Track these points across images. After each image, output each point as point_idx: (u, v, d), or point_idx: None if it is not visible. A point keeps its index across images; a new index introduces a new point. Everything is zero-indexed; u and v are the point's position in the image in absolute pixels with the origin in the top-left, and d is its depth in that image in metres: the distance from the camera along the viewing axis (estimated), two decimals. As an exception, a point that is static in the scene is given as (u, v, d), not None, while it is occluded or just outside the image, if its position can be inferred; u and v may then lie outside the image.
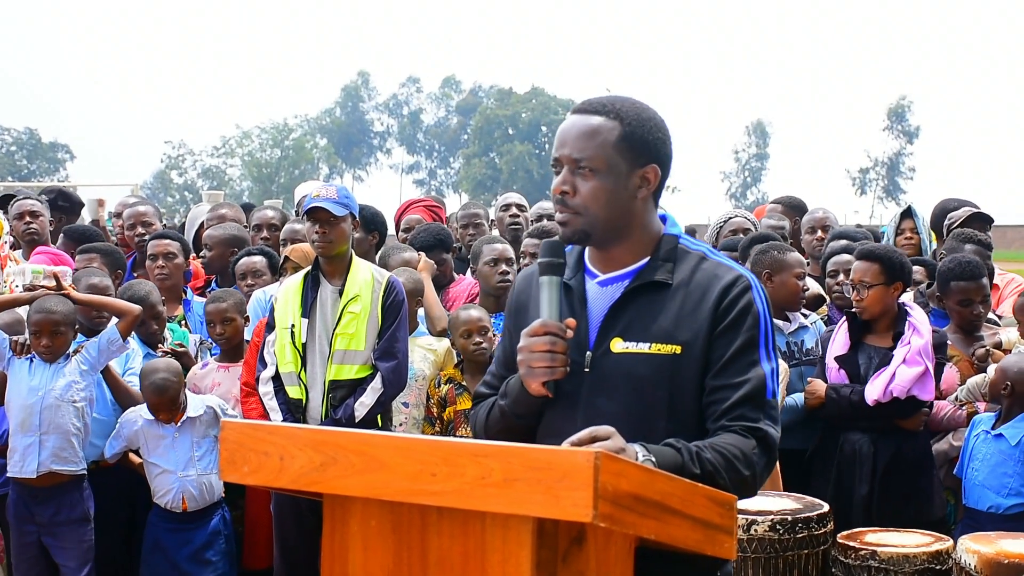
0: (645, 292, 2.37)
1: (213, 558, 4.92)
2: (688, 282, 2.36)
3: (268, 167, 73.84)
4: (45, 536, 4.79)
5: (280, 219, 6.65)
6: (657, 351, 2.31)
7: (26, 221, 6.51)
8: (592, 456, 1.70)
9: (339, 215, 4.67)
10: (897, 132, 73.50)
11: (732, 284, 2.34)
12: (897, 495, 4.58)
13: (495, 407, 2.50)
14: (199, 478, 4.87)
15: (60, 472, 4.75)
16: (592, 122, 2.34)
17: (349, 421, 4.61)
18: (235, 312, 5.24)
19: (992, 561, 3.84)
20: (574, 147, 2.34)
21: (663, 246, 2.41)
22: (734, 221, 6.62)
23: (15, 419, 4.77)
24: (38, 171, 68.37)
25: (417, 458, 1.85)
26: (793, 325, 5.09)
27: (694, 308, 2.33)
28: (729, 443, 2.25)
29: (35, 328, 4.78)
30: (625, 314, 2.36)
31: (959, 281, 4.98)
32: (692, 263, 2.39)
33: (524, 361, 2.32)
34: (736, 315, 2.32)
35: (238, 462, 2.04)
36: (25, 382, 4.78)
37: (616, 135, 2.33)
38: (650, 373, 2.30)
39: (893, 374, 4.55)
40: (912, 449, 4.65)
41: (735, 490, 2.20)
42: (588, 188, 2.33)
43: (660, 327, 2.32)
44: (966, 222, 6.12)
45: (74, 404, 4.80)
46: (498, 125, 74.10)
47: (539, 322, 2.32)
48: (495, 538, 1.85)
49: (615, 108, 2.36)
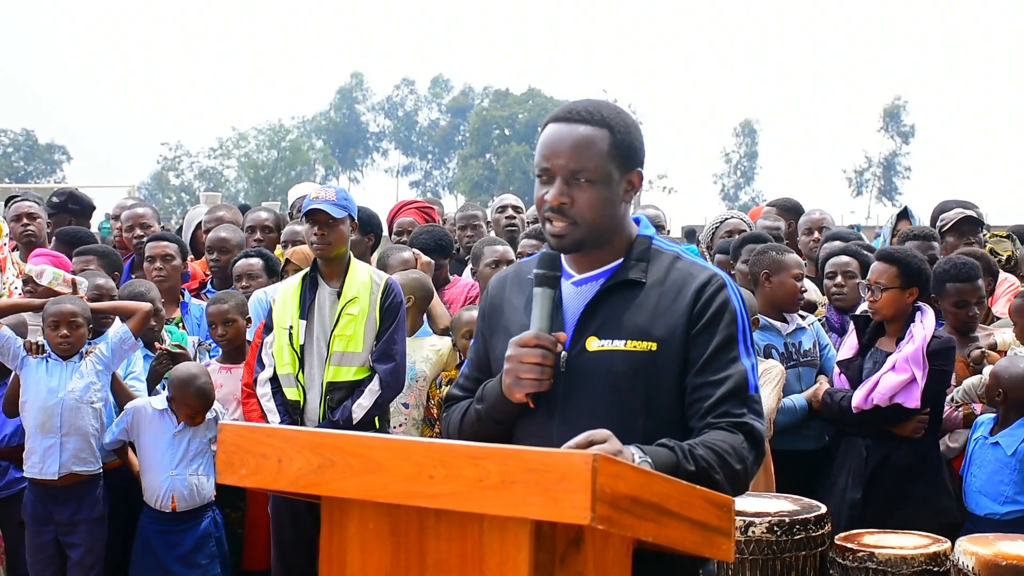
0: (619, 291, 2.38)
1: (202, 561, 4.92)
2: (663, 281, 2.38)
3: (264, 169, 73.83)
4: (63, 536, 4.83)
5: (274, 221, 6.66)
6: (633, 348, 2.32)
7: (24, 223, 6.51)
8: (590, 458, 1.70)
9: (338, 217, 4.68)
10: (892, 132, 73.58)
11: (707, 282, 2.36)
12: (886, 500, 4.55)
13: (470, 411, 2.50)
14: (190, 478, 4.88)
15: (80, 472, 4.80)
16: (584, 132, 2.34)
17: (347, 423, 4.61)
18: (236, 313, 5.26)
19: (990, 563, 3.84)
20: (570, 158, 2.33)
21: (636, 246, 2.42)
22: (729, 222, 6.64)
23: (34, 420, 4.79)
24: (35, 172, 68.30)
25: (415, 460, 1.85)
26: (791, 326, 5.09)
27: (669, 305, 2.34)
28: (718, 439, 2.26)
29: (53, 320, 4.81)
30: (600, 313, 2.37)
31: (955, 283, 4.96)
32: (666, 262, 2.41)
33: (512, 371, 2.32)
34: (713, 313, 2.33)
35: (236, 464, 2.04)
36: (44, 383, 4.80)
37: (608, 144, 2.34)
38: (626, 370, 2.31)
39: (876, 382, 4.55)
40: (904, 455, 4.60)
41: (729, 485, 2.22)
42: (586, 198, 2.33)
43: (635, 324, 2.33)
44: (957, 225, 6.12)
45: (92, 405, 4.86)
46: (495, 126, 74.13)
47: (531, 333, 2.31)
48: (493, 540, 1.85)
49: (602, 116, 2.35)
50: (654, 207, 7.67)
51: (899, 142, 73.75)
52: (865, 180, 74.12)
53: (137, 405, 4.96)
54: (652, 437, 2.26)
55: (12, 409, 4.95)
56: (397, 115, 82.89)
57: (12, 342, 4.84)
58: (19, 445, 5.09)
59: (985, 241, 6.38)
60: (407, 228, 6.72)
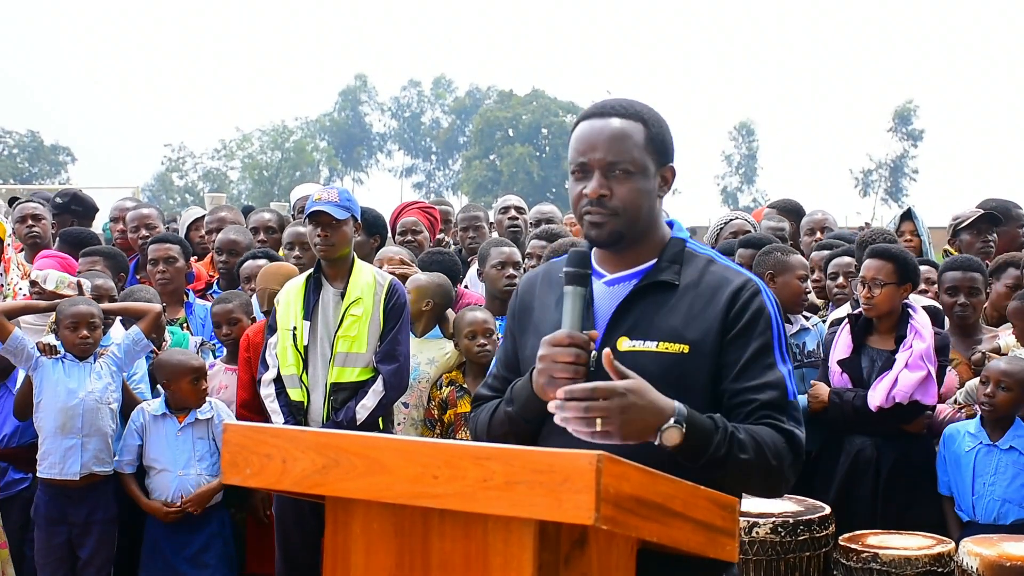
0: (652, 292, 2.37)
1: (211, 561, 4.95)
2: (697, 284, 2.37)
3: (268, 169, 73.84)
4: (76, 537, 4.84)
5: (277, 222, 6.67)
6: (665, 350, 2.31)
7: (28, 224, 6.52)
8: (594, 459, 1.71)
9: (340, 218, 4.69)
10: (902, 134, 73.49)
11: (742, 287, 2.35)
12: (901, 499, 4.56)
13: (499, 411, 2.47)
14: (198, 478, 4.89)
15: (99, 472, 4.83)
16: (619, 125, 2.35)
17: (350, 424, 4.62)
18: (241, 313, 5.27)
19: (994, 564, 3.84)
20: (608, 150, 2.34)
21: (670, 248, 2.42)
22: (734, 223, 6.63)
23: (52, 422, 4.80)
24: (40, 174, 68.34)
25: (419, 461, 1.85)
26: (795, 327, 5.09)
27: (703, 309, 2.33)
28: (762, 431, 2.25)
29: (72, 321, 4.81)
30: (631, 313, 2.36)
31: (949, 271, 5.02)
32: (700, 265, 2.40)
33: (546, 370, 2.27)
34: (749, 319, 2.32)
35: (240, 464, 2.04)
36: (63, 384, 4.81)
37: (644, 136, 2.35)
38: (657, 371, 2.27)
39: (896, 379, 4.54)
40: (918, 453, 4.64)
41: (760, 475, 2.21)
42: (626, 190, 2.34)
43: (668, 326, 2.32)
44: (975, 223, 6.11)
45: (109, 406, 4.89)
46: (498, 127, 74.12)
47: (564, 332, 2.26)
48: (497, 541, 1.85)
49: (635, 110, 2.38)
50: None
51: (908, 144, 73.67)
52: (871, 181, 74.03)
53: (135, 415, 4.96)
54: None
55: (25, 412, 4.96)
56: (403, 116, 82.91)
57: (25, 343, 4.85)
58: (19, 446, 5.09)
59: None
60: (411, 228, 6.73)
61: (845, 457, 4.69)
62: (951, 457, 4.56)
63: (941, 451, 4.63)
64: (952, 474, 4.56)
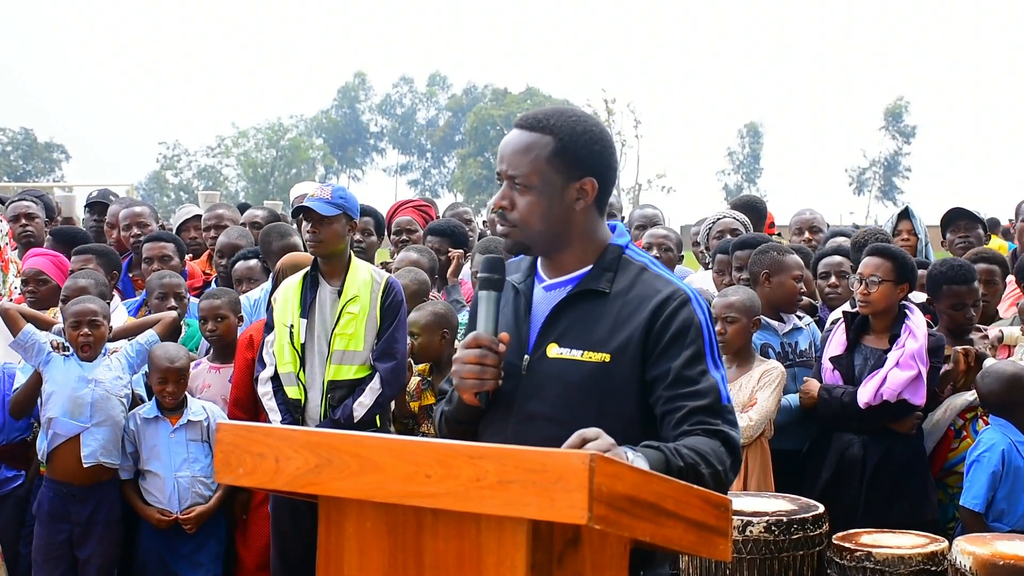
0: (584, 300, 2.42)
1: (204, 560, 4.94)
2: (627, 292, 2.41)
3: (264, 167, 73.79)
4: (77, 536, 4.81)
5: (267, 219, 6.65)
6: (588, 359, 2.36)
7: (22, 223, 6.51)
8: (587, 458, 1.71)
9: (328, 215, 4.67)
10: (894, 132, 73.61)
11: (669, 298, 2.38)
12: (887, 497, 4.56)
13: (442, 411, 2.59)
14: (193, 480, 4.89)
15: (107, 465, 4.80)
16: (526, 138, 2.40)
17: (348, 421, 4.62)
18: (228, 310, 5.19)
19: (987, 562, 3.84)
20: (510, 163, 2.40)
21: (607, 255, 2.46)
22: (723, 222, 6.61)
23: (60, 408, 4.77)
24: (34, 171, 68.26)
25: (412, 460, 1.85)
26: (787, 326, 5.09)
27: (628, 317, 2.38)
28: (698, 442, 2.29)
29: (74, 320, 4.80)
30: (563, 320, 2.42)
31: (951, 285, 4.94)
32: (633, 273, 2.44)
33: (456, 372, 2.39)
34: (678, 328, 2.36)
35: (233, 464, 2.04)
36: (74, 372, 4.80)
37: (549, 151, 2.38)
38: (579, 380, 2.36)
39: (884, 377, 4.54)
40: (903, 451, 4.62)
41: (713, 484, 2.23)
42: (524, 203, 2.40)
43: (594, 335, 2.38)
44: (951, 219, 6.19)
45: (119, 398, 4.86)
46: (493, 125, 74.13)
47: (472, 335, 2.39)
48: (490, 540, 1.85)
49: (550, 123, 2.40)
50: (652, 206, 7.68)
51: (900, 142, 73.80)
52: (865, 180, 74.16)
53: (131, 416, 4.94)
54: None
55: (23, 410, 4.95)
56: (396, 113, 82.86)
57: (36, 338, 4.83)
58: (8, 444, 5.07)
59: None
60: (405, 227, 6.73)
61: (832, 453, 4.69)
62: (1010, 473, 4.36)
63: (976, 467, 4.39)
64: (1008, 489, 4.34)
